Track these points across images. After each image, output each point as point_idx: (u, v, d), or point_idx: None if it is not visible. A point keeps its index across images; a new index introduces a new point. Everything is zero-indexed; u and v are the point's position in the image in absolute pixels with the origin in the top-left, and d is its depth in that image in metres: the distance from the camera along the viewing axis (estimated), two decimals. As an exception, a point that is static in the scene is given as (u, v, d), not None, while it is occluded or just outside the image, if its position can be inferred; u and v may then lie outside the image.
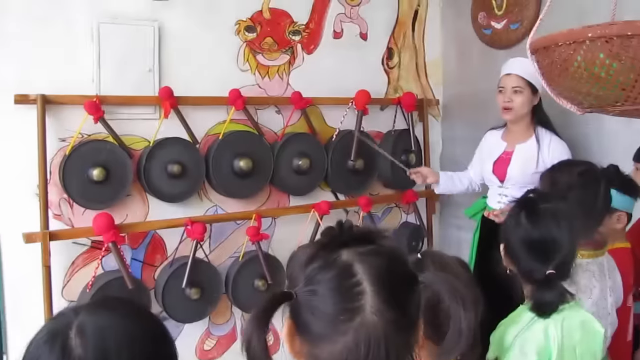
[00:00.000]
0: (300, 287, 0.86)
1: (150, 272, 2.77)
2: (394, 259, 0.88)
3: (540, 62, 1.22)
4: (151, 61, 2.68)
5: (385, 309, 0.81)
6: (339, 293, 0.83)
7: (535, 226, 1.53)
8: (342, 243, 0.88)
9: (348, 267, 0.84)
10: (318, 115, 3.18)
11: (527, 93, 2.70)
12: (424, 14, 3.54)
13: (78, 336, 0.86)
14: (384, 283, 0.83)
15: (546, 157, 2.69)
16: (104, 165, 2.51)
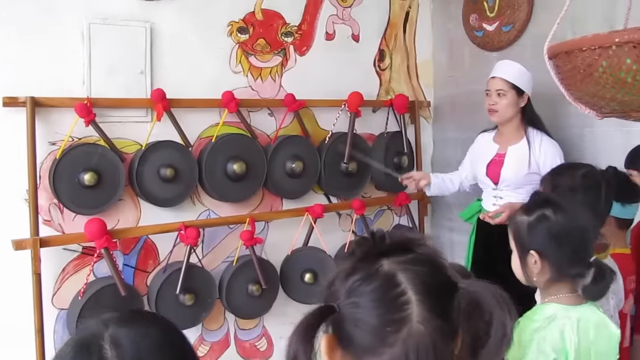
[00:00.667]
0: (342, 300, 0.84)
1: (143, 278, 2.71)
2: (434, 266, 0.87)
3: (561, 67, 1.21)
4: (143, 63, 2.63)
5: (431, 317, 0.80)
6: (384, 304, 0.81)
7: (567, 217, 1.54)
8: (381, 253, 0.86)
9: (391, 277, 0.83)
10: (311, 118, 3.15)
11: (510, 96, 2.72)
12: (414, 15, 3.53)
13: (113, 348, 0.85)
14: (428, 291, 0.82)
15: (538, 158, 2.71)
16: (95, 170, 2.45)
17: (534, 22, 3.03)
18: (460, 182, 3.09)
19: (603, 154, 2.69)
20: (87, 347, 0.86)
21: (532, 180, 2.75)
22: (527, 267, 1.57)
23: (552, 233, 1.54)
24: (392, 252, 0.86)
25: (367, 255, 0.86)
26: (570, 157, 2.81)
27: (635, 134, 2.63)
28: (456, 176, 3.11)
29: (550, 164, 2.66)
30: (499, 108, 2.74)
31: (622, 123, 2.65)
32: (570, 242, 1.53)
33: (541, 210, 1.57)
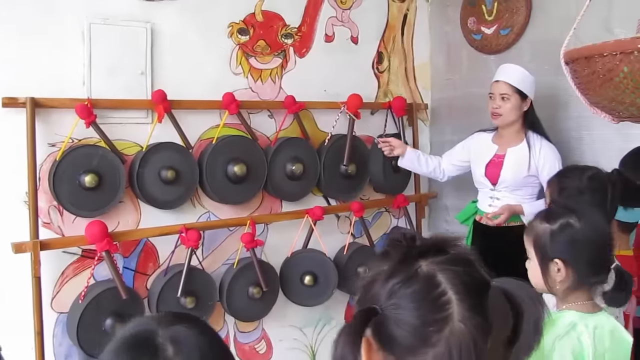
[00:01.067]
0: (383, 302, 0.85)
1: (143, 281, 2.68)
2: (470, 265, 0.89)
3: (579, 71, 1.21)
4: (143, 63, 2.60)
5: (471, 316, 0.82)
6: (426, 304, 0.83)
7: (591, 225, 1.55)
8: (418, 254, 0.88)
9: (431, 278, 0.85)
10: (310, 120, 3.14)
11: (514, 100, 2.75)
12: (412, 18, 3.54)
13: (172, 344, 0.85)
14: (467, 290, 0.84)
15: (537, 161, 2.74)
16: (96, 172, 2.42)
17: (532, 25, 3.06)
18: (435, 167, 3.14)
19: (602, 156, 2.71)
20: (142, 343, 0.86)
21: (530, 182, 2.78)
22: (549, 275, 1.57)
23: (576, 240, 1.54)
24: (428, 253, 0.88)
25: (405, 257, 0.88)
26: (569, 160, 2.83)
27: (634, 136, 2.65)
28: (434, 160, 3.16)
29: (548, 168, 2.70)
30: (503, 112, 2.77)
31: (620, 126, 2.69)
32: (594, 250, 1.54)
33: (564, 218, 1.57)
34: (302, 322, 3.19)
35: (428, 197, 3.57)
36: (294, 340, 3.17)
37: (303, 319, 3.19)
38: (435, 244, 0.90)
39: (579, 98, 2.80)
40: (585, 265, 1.53)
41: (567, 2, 2.87)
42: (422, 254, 0.88)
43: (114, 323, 2.42)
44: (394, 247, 0.93)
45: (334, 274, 3.04)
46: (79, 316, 2.35)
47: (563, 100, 2.93)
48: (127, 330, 0.91)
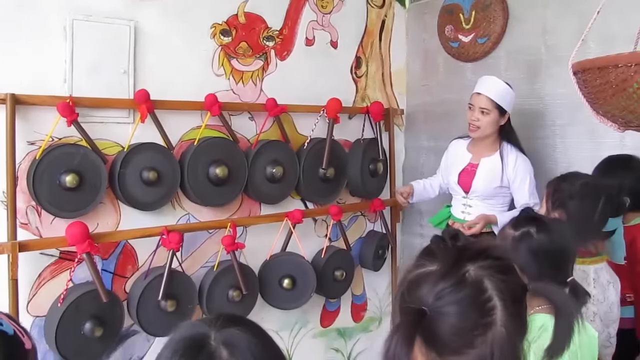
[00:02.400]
0: (432, 304, 0.89)
1: (121, 284, 2.62)
2: (512, 272, 0.95)
3: (590, 81, 1.25)
4: (126, 62, 2.55)
5: (512, 320, 0.88)
6: (473, 310, 0.88)
7: (549, 237, 1.61)
8: (467, 259, 0.92)
9: (479, 284, 0.89)
10: (290, 123, 3.14)
11: (493, 115, 2.78)
12: (390, 24, 3.58)
13: (225, 347, 0.87)
14: (511, 297, 0.90)
15: (510, 173, 2.79)
16: (77, 171, 2.36)
17: (508, 34, 3.14)
18: (439, 186, 3.18)
19: (575, 164, 2.79)
20: (196, 346, 0.87)
21: (501, 193, 2.85)
22: None
23: (532, 250, 1.60)
24: (476, 257, 0.92)
25: (454, 261, 0.92)
26: (544, 167, 2.92)
27: (605, 144, 2.75)
28: (435, 181, 3.20)
29: (520, 180, 2.78)
30: (481, 125, 2.79)
31: (593, 134, 2.79)
32: (546, 261, 1.59)
33: (526, 227, 1.64)
34: (278, 325, 3.18)
35: (403, 201, 3.60)
36: (270, 344, 3.15)
37: (280, 322, 3.18)
38: (484, 249, 0.95)
39: (553, 107, 2.93)
40: (540, 276, 1.55)
41: (542, 13, 2.96)
42: (470, 258, 0.92)
43: (94, 327, 2.36)
44: (439, 248, 0.98)
45: (313, 277, 3.04)
46: (58, 320, 2.28)
47: (538, 109, 3.01)
48: (180, 333, 0.93)
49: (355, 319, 3.55)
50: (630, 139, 2.65)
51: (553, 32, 2.94)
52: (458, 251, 0.95)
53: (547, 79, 2.96)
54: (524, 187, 2.77)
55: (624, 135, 2.68)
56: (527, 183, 2.77)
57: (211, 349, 0.87)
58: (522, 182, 2.77)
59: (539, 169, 2.95)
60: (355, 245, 3.46)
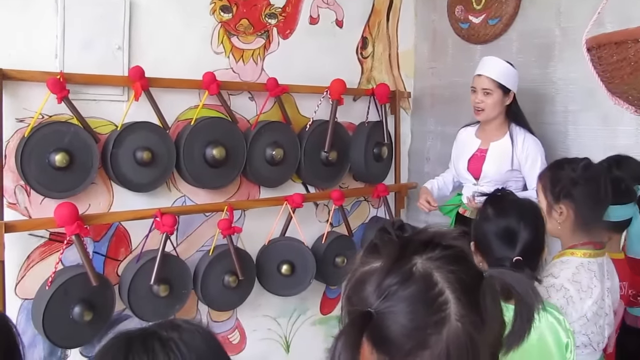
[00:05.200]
0: (378, 304, 0.81)
1: (114, 267, 2.55)
2: (464, 260, 0.86)
3: (605, 58, 1.14)
4: (121, 38, 2.45)
5: (468, 313, 0.80)
6: (424, 307, 0.80)
7: (500, 216, 1.63)
8: (413, 251, 0.84)
9: (428, 278, 0.82)
10: (292, 104, 3.04)
11: (497, 95, 2.69)
12: (398, 3, 3.45)
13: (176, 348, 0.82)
14: (464, 288, 0.82)
15: (520, 155, 2.70)
16: (67, 150, 2.28)
17: (521, 16, 3.01)
18: (452, 180, 3.06)
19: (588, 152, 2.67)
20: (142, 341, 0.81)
21: (513, 177, 2.74)
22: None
23: (487, 228, 1.62)
24: (423, 248, 0.84)
25: (399, 255, 0.84)
26: (554, 154, 2.80)
27: (620, 132, 2.64)
28: (448, 176, 3.07)
29: (532, 162, 2.68)
30: (485, 107, 2.71)
31: (607, 122, 2.68)
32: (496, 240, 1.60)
33: (485, 205, 1.69)
34: (276, 312, 3.10)
35: (408, 187, 3.51)
36: (268, 331, 3.09)
37: (278, 309, 3.10)
38: (430, 238, 0.86)
39: (566, 91, 2.81)
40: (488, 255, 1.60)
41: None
42: (416, 250, 0.84)
43: (83, 311, 2.29)
44: (383, 242, 0.90)
45: (312, 263, 2.96)
46: (46, 303, 2.22)
47: (550, 94, 2.89)
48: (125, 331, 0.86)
49: (356, 306, 3.47)
50: (647, 127, 2.54)
51: (568, 13, 2.81)
52: (403, 244, 0.86)
53: (560, 62, 2.84)
54: (535, 170, 2.63)
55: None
56: (539, 165, 2.65)
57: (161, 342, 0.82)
58: (534, 164, 2.67)
59: (550, 156, 2.82)
60: (358, 232, 3.37)
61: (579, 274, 1.81)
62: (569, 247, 1.87)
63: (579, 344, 1.73)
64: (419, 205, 2.93)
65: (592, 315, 1.76)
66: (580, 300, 1.75)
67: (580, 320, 1.74)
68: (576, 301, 1.74)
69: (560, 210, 1.84)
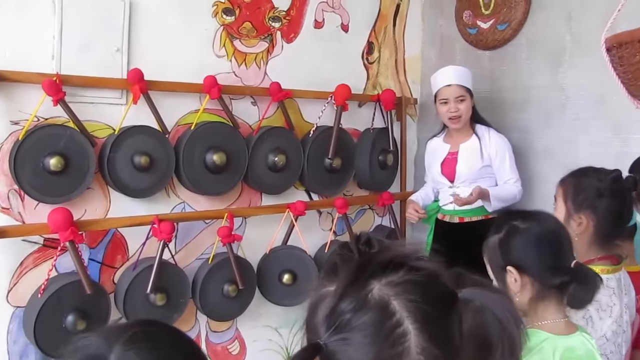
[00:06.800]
0: (329, 335, 0.73)
1: (110, 275, 2.48)
2: (431, 285, 0.76)
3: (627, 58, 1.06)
4: (120, 40, 2.40)
5: (430, 346, 0.72)
6: (379, 339, 0.71)
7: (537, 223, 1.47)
8: (370, 274, 0.75)
9: (384, 306, 0.72)
10: (295, 109, 2.97)
11: (468, 100, 2.83)
12: (405, 9, 3.39)
13: None
14: (426, 317, 0.72)
15: (489, 149, 2.83)
16: (62, 154, 2.21)
17: (530, 21, 2.94)
18: (432, 191, 3.11)
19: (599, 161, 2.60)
20: None
21: (487, 173, 2.85)
22: (507, 287, 1.44)
23: (528, 242, 1.44)
24: (382, 271, 0.75)
25: (354, 278, 0.75)
26: (563, 163, 2.71)
27: (633, 140, 2.56)
28: (428, 187, 3.14)
29: (501, 157, 2.82)
30: (462, 113, 2.83)
31: (619, 130, 2.60)
32: (547, 247, 1.44)
33: (509, 223, 1.48)
34: (277, 323, 3.02)
35: (413, 195, 3.43)
36: (268, 341, 3.01)
37: (279, 319, 3.02)
38: (391, 259, 0.77)
39: (576, 99, 2.74)
40: (541, 267, 1.41)
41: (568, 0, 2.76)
42: (374, 273, 0.75)
43: (76, 320, 2.22)
44: (343, 261, 0.81)
45: (315, 273, 2.88)
46: (38, 312, 2.15)
47: (560, 101, 2.82)
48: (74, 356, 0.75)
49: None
50: (659, 136, 2.46)
51: (579, 19, 2.74)
52: (360, 265, 0.77)
53: (570, 68, 2.76)
54: (505, 164, 2.82)
55: (653, 131, 2.50)
56: (507, 159, 2.82)
57: None
58: (503, 159, 2.82)
59: (558, 165, 2.75)
60: (362, 241, 3.28)
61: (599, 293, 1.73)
62: (585, 261, 1.78)
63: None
64: (408, 215, 2.98)
65: (611, 334, 1.67)
66: (600, 320, 1.66)
67: (599, 340, 1.64)
68: (596, 321, 1.65)
69: (580, 220, 1.76)
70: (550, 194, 2.80)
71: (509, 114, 3.03)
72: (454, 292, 0.77)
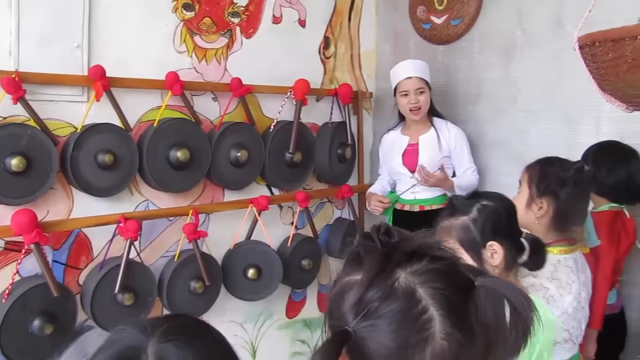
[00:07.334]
0: (357, 322, 0.77)
1: (74, 276, 2.43)
2: (453, 274, 0.81)
3: (600, 55, 1.14)
4: (80, 35, 2.34)
5: (454, 331, 0.76)
6: (406, 325, 0.76)
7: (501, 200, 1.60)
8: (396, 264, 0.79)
9: (411, 294, 0.77)
10: (255, 104, 2.97)
11: (427, 91, 2.92)
12: (360, 3, 3.44)
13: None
14: (450, 304, 0.77)
15: (448, 139, 2.94)
16: (24, 154, 2.15)
17: (482, 17, 3.04)
18: (387, 182, 3.20)
19: (549, 150, 2.73)
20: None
21: (445, 164, 2.96)
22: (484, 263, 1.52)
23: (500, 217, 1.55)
24: (407, 260, 0.80)
25: (380, 269, 0.79)
26: (516, 152, 2.85)
27: (582, 130, 2.69)
28: (383, 180, 3.22)
29: (459, 148, 2.95)
30: (421, 105, 2.91)
31: (569, 120, 2.73)
32: (513, 221, 1.58)
33: (476, 204, 1.57)
34: (242, 318, 3.03)
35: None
36: (234, 337, 3.01)
37: (244, 314, 3.03)
38: (415, 249, 0.81)
39: (527, 91, 2.86)
40: (512, 239, 1.53)
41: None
42: (399, 262, 0.79)
43: (43, 324, 2.17)
44: (366, 250, 0.84)
45: (279, 267, 2.91)
46: (3, 317, 2.08)
47: (511, 94, 2.94)
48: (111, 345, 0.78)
49: (322, 309, 3.43)
50: (606, 126, 2.61)
51: (529, 14, 2.86)
52: (385, 255, 0.81)
53: (521, 62, 2.88)
54: (463, 154, 2.96)
55: (600, 121, 2.65)
56: (465, 149, 2.96)
57: None
58: (461, 150, 2.95)
59: (511, 155, 2.89)
60: (322, 233, 3.33)
61: (558, 272, 1.83)
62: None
63: (560, 340, 1.75)
64: (372, 208, 3.04)
65: (572, 310, 1.79)
66: (561, 297, 1.77)
67: (562, 316, 1.76)
68: (557, 299, 1.76)
69: (541, 205, 1.86)
70: (503, 183, 2.95)
71: (464, 107, 3.13)
72: (471, 279, 0.81)
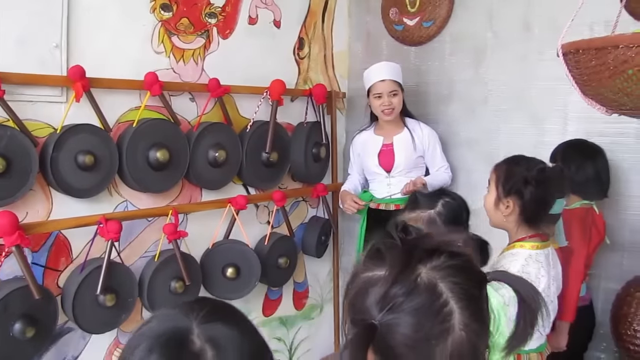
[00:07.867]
0: (383, 315, 0.83)
1: (54, 278, 2.41)
2: (469, 269, 0.88)
3: (583, 62, 1.21)
4: (58, 35, 2.32)
5: (471, 322, 0.83)
6: (429, 318, 0.82)
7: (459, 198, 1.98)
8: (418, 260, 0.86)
9: (433, 289, 0.83)
10: (232, 104, 2.99)
11: (400, 93, 2.99)
12: (333, 4, 3.49)
13: (211, 349, 0.75)
14: (468, 297, 0.84)
15: (422, 138, 3.03)
16: (3, 155, 2.12)
17: (454, 19, 3.13)
18: (358, 180, 3.26)
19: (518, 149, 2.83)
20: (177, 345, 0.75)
21: (420, 163, 3.07)
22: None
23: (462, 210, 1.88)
24: (426, 257, 0.86)
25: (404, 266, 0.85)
26: (486, 151, 2.95)
27: (548, 130, 2.80)
28: (354, 179, 3.27)
29: (432, 148, 3.04)
30: (395, 106, 2.98)
31: (536, 121, 2.84)
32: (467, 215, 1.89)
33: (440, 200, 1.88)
34: (220, 316, 3.04)
35: (345, 186, 3.55)
36: (212, 336, 3.02)
37: (222, 313, 3.04)
38: (436, 247, 0.88)
39: (497, 92, 2.96)
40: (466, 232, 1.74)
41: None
42: (421, 259, 0.86)
43: (24, 327, 2.15)
44: (387, 247, 0.90)
45: (257, 265, 2.93)
46: (-16, 321, 2.06)
47: (482, 95, 3.03)
48: (155, 326, 0.80)
49: (297, 306, 3.48)
50: (572, 125, 2.72)
51: (499, 18, 2.96)
52: (407, 252, 0.87)
53: (492, 64, 2.98)
54: (436, 153, 3.05)
55: (567, 121, 2.76)
56: (438, 148, 3.06)
57: (195, 348, 0.75)
58: (434, 149, 3.04)
59: (481, 154, 2.98)
60: (298, 232, 3.37)
61: (528, 266, 1.92)
62: (517, 239, 1.98)
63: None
64: (347, 208, 3.06)
65: None
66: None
67: None
68: None
69: (507, 204, 1.94)
70: (474, 181, 3.05)
71: (435, 107, 3.21)
72: (484, 274, 0.88)
